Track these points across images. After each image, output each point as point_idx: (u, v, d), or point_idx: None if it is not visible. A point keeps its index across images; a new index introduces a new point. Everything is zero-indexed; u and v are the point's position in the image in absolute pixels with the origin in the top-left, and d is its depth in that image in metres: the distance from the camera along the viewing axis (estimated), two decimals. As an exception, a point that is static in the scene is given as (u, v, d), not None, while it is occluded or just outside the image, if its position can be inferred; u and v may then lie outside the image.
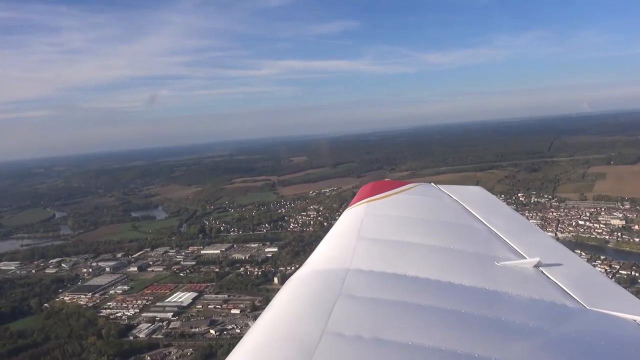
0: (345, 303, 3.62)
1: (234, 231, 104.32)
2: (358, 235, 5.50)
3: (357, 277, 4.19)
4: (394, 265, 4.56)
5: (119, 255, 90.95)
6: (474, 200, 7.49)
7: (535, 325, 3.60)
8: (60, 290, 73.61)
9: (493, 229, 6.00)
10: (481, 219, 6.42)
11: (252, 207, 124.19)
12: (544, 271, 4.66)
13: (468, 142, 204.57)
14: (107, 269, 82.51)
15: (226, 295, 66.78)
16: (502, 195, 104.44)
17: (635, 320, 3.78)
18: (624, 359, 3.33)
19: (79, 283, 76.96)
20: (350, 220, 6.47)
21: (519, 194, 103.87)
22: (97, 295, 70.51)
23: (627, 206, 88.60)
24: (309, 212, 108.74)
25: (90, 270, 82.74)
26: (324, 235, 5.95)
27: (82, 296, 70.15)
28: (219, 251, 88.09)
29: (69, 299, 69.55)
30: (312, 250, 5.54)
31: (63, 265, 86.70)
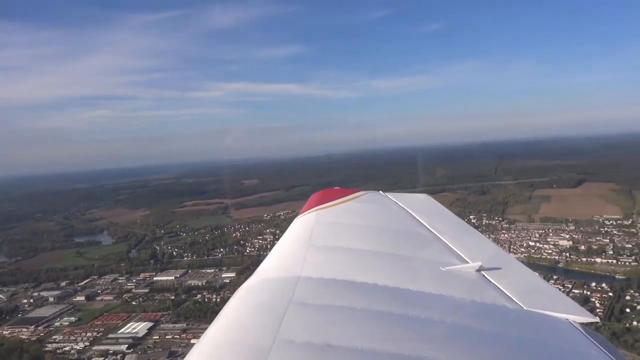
0: (296, 310, 3.66)
1: (187, 256, 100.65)
2: (308, 243, 5.57)
3: (307, 285, 4.24)
4: (344, 272, 4.64)
5: (62, 284, 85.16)
6: (420, 207, 7.67)
7: (477, 326, 3.80)
8: (-2, 324, 67.78)
9: (438, 235, 6.17)
10: (427, 226, 6.57)
11: (206, 231, 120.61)
12: (485, 275, 4.84)
13: (413, 165, 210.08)
14: (51, 299, 76.94)
15: (184, 324, 63.60)
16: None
17: (567, 319, 4.04)
18: (556, 355, 3.57)
19: (19, 315, 71.16)
20: (301, 228, 6.56)
21: (470, 216, 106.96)
22: (40, 328, 65.36)
23: (572, 227, 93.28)
24: (265, 236, 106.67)
25: (32, 300, 76.75)
26: None
27: (24, 329, 64.79)
28: (173, 277, 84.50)
29: (9, 333, 63.96)
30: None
31: (0, 296, 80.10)
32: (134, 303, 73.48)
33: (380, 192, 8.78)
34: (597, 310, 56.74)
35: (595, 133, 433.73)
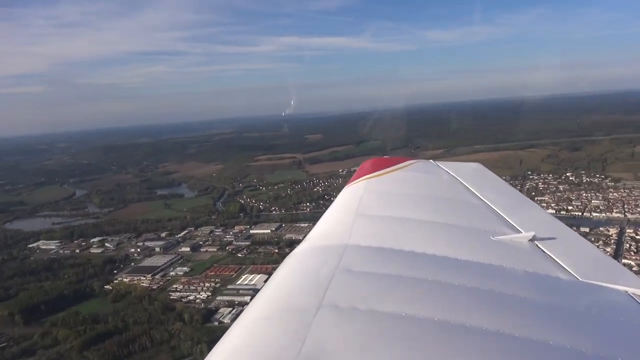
0: (342, 277, 3.71)
1: (275, 210, 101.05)
2: (356, 212, 5.60)
3: (354, 253, 4.28)
4: (391, 240, 4.64)
5: (162, 234, 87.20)
6: (472, 176, 7.58)
7: (528, 296, 3.71)
8: (115, 272, 70.08)
9: (490, 205, 6.08)
10: (479, 195, 6.49)
11: (285, 186, 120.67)
12: (538, 245, 4.74)
13: (488, 120, 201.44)
14: (157, 249, 78.91)
15: (297, 277, 63.64)
16: (550, 175, 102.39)
17: (626, 292, 3.88)
18: (614, 328, 3.43)
19: (132, 264, 73.36)
20: (349, 197, 6.60)
21: (567, 174, 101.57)
22: (157, 277, 67.13)
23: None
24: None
25: (139, 250, 79.08)
26: None
27: (142, 278, 66.63)
28: (268, 231, 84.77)
29: (129, 281, 66.10)
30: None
31: (107, 244, 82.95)
32: (239, 255, 74.14)
33: (431, 160, 8.72)
34: None
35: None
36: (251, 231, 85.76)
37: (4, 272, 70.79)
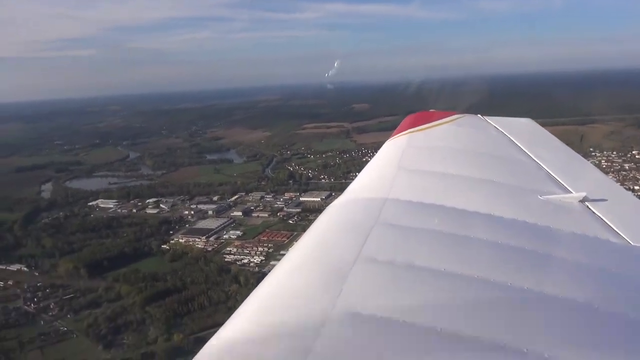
0: (381, 231, 3.69)
1: (324, 179, 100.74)
2: (398, 166, 5.52)
3: (394, 207, 4.22)
4: (432, 195, 4.52)
5: (214, 198, 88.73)
6: (522, 132, 7.24)
7: (574, 258, 3.60)
8: (170, 232, 71.93)
9: (540, 163, 5.81)
10: (528, 152, 6.24)
11: (333, 155, 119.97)
12: (589, 206, 4.53)
13: (543, 94, 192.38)
14: (210, 212, 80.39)
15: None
16: (614, 153, 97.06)
17: None
18: None
19: (187, 226, 75.08)
20: (391, 150, 6.52)
21: (633, 152, 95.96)
22: (211, 239, 68.48)
23: None
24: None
25: (192, 212, 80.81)
26: None
27: (197, 239, 68.18)
28: (319, 199, 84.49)
29: (184, 242, 67.78)
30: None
31: (162, 205, 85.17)
32: (290, 222, 74.54)
33: (479, 115, 8.38)
34: None
35: None
36: (301, 199, 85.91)
37: (67, 228, 74.07)
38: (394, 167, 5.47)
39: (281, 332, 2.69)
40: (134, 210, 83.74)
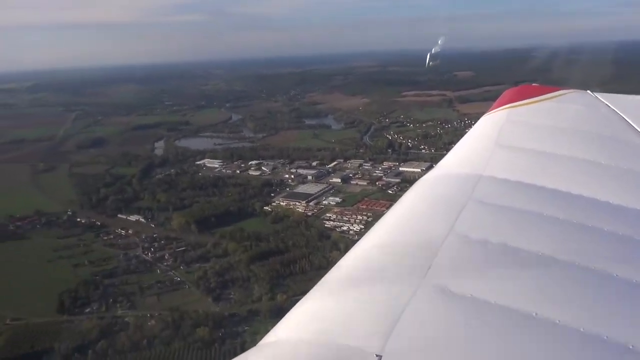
0: (475, 207, 3.55)
1: (424, 149, 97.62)
2: (495, 142, 5.25)
3: (490, 184, 4.07)
4: (532, 175, 4.30)
5: (313, 163, 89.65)
6: (638, 112, 6.44)
7: None
8: (272, 195, 73.95)
9: None
10: None
11: (434, 124, 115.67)
12: None
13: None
14: (309, 177, 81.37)
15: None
16: None
17: None
18: None
19: (287, 189, 76.72)
20: (488, 125, 6.22)
21: None
22: (311, 204, 69.38)
23: None
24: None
25: (292, 176, 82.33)
26: None
27: (297, 203, 69.42)
28: (419, 170, 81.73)
29: (285, 205, 69.33)
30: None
31: (263, 168, 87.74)
32: (390, 192, 73.16)
33: (588, 91, 7.67)
34: None
35: None
36: (400, 168, 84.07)
37: (179, 184, 79.02)
38: (490, 143, 5.19)
39: (366, 306, 2.61)
40: (238, 171, 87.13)
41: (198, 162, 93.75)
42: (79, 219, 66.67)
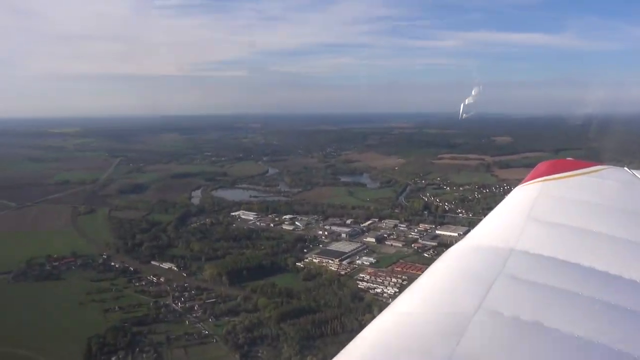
0: (506, 282, 3.48)
1: (461, 213, 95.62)
2: (528, 215, 5.18)
3: (522, 258, 3.99)
4: (567, 251, 4.19)
5: (347, 221, 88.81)
6: None
7: None
8: (305, 250, 73.13)
9: None
10: None
11: (472, 188, 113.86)
12: None
13: None
14: (343, 235, 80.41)
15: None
16: None
17: None
18: None
19: (320, 246, 75.79)
20: (521, 198, 6.20)
21: None
22: (344, 262, 68.06)
23: None
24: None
25: (326, 233, 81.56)
26: None
27: (330, 261, 68.23)
28: (456, 234, 79.73)
29: (318, 262, 68.20)
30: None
31: (297, 223, 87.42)
32: (426, 255, 71.26)
33: (625, 168, 7.67)
34: None
35: None
36: (437, 232, 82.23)
37: (213, 234, 79.42)
38: (523, 216, 5.13)
39: None
40: (272, 225, 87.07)
41: (233, 213, 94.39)
42: (113, 263, 67.39)
